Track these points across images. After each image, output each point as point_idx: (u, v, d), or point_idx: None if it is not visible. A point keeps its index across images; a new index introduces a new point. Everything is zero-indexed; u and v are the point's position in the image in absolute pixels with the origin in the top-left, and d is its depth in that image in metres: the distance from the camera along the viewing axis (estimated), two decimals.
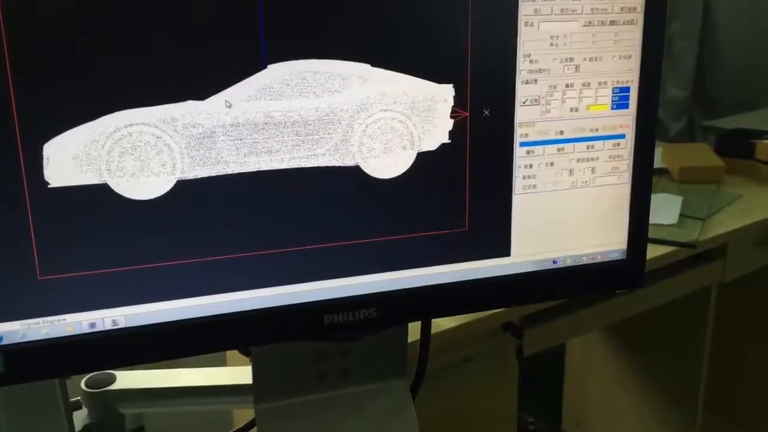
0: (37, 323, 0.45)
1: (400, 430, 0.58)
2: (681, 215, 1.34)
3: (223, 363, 1.14)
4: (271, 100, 0.48)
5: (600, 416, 1.80)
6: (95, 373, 0.60)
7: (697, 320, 1.48)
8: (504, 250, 0.55)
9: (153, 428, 0.68)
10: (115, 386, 0.59)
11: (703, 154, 1.61)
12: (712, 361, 1.52)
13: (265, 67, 0.47)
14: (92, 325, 0.46)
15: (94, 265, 0.46)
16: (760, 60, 2.19)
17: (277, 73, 0.47)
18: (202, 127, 0.47)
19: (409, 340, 0.59)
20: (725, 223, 1.35)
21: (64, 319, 0.46)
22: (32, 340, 0.45)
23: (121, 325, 0.47)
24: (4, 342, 0.44)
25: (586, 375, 1.81)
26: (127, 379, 0.60)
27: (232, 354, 0.99)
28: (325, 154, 0.50)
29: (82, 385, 0.59)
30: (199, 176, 0.47)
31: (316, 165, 0.49)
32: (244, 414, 1.00)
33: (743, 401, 1.80)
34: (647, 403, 1.66)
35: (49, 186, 0.44)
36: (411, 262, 0.53)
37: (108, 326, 0.47)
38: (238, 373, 0.61)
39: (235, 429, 0.64)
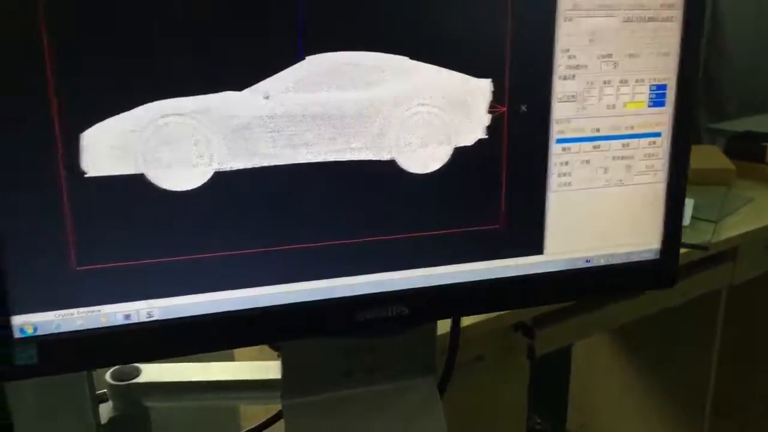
0: (72, 314, 0.44)
1: (427, 427, 0.57)
2: (692, 217, 1.34)
3: (230, 358, 1.13)
4: (308, 92, 0.47)
5: (605, 418, 1.80)
6: (120, 365, 0.59)
7: (706, 322, 1.48)
8: (538, 248, 0.54)
9: (158, 422, 0.67)
10: (140, 379, 0.58)
11: (713, 157, 1.60)
12: (720, 364, 1.52)
13: (303, 59, 0.46)
14: (127, 316, 0.46)
15: (130, 256, 0.45)
16: (767, 62, 2.18)
17: (315, 65, 0.47)
18: (240, 118, 0.46)
19: None
20: (737, 226, 1.34)
21: (99, 311, 0.45)
22: (67, 331, 0.44)
23: (156, 317, 0.46)
24: (39, 332, 0.44)
25: (591, 376, 1.80)
26: (152, 372, 0.59)
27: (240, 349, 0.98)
28: (361, 148, 0.49)
29: (108, 377, 0.58)
30: (236, 168, 0.47)
31: (352, 159, 0.49)
32: (251, 410, 0.99)
33: (751, 405, 1.80)
34: (653, 406, 1.65)
35: (85, 176, 0.43)
36: (445, 258, 0.52)
37: (143, 318, 0.46)
38: (263, 368, 0.61)
39: (258, 423, 0.63)
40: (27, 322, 0.44)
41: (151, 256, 0.45)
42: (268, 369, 0.60)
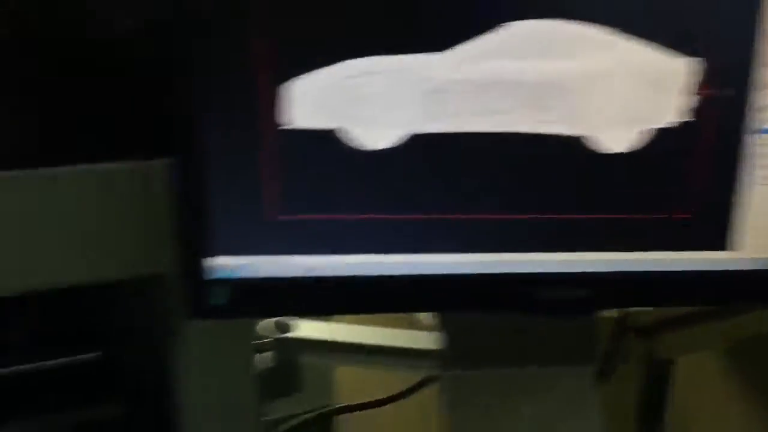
0: (265, 261, 0.45)
1: (580, 416, 0.56)
2: None
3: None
4: (506, 59, 0.46)
5: (706, 428, 1.72)
6: (276, 318, 0.60)
7: None
8: (728, 243, 0.51)
9: None
10: (294, 334, 0.59)
11: None
12: None
13: (504, 25, 0.45)
14: (312, 269, 0.46)
15: (324, 210, 0.45)
16: None
17: (515, 31, 0.45)
18: (435, 81, 0.46)
19: None
20: None
21: (290, 260, 0.46)
22: (258, 277, 0.45)
23: (339, 273, 0.46)
24: (234, 275, 0.45)
25: (693, 387, 1.73)
26: (305, 328, 0.60)
27: None
28: (555, 121, 0.47)
29: (269, 328, 0.59)
30: (429, 131, 0.46)
31: (544, 131, 0.47)
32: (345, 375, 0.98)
33: None
34: (758, 419, 1.57)
35: (286, 127, 0.44)
36: (630, 244, 0.50)
37: (327, 273, 0.46)
38: (412, 337, 0.61)
39: (397, 392, 0.63)
40: (225, 264, 0.45)
41: (342, 211, 0.45)
42: (417, 338, 0.60)
